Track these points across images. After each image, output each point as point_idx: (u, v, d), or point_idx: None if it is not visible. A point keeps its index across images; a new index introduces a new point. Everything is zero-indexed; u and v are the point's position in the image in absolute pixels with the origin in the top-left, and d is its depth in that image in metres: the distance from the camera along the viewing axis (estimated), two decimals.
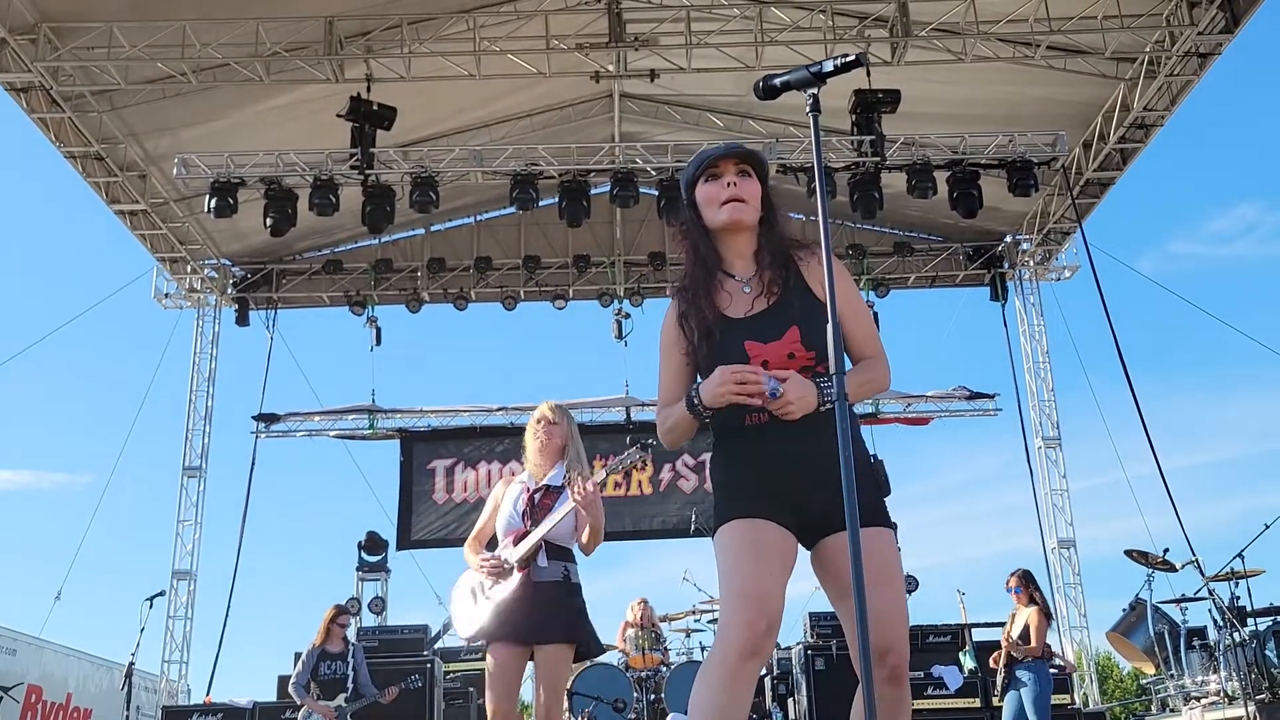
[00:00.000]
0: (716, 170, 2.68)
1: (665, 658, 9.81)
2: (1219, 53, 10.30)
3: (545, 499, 4.40)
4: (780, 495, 2.51)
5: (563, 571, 4.35)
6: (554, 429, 4.51)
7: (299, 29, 10.20)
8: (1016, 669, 7.22)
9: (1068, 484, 13.66)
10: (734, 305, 2.65)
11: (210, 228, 13.15)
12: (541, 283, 14.19)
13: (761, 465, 2.55)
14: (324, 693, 7.64)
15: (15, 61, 9.84)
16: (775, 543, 2.48)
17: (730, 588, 2.43)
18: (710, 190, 2.68)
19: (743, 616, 2.35)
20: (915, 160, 11.16)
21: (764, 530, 2.48)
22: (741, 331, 2.59)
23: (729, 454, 2.62)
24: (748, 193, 2.66)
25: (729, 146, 2.72)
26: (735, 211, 2.64)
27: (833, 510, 2.46)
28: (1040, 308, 14.34)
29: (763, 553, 2.45)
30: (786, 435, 2.51)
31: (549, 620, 4.26)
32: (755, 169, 2.70)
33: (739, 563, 2.45)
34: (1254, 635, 7.83)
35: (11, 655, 10.78)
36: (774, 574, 2.45)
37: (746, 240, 2.70)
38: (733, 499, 2.55)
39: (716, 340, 2.60)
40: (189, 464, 13.64)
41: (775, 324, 2.58)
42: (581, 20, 10.61)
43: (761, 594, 2.39)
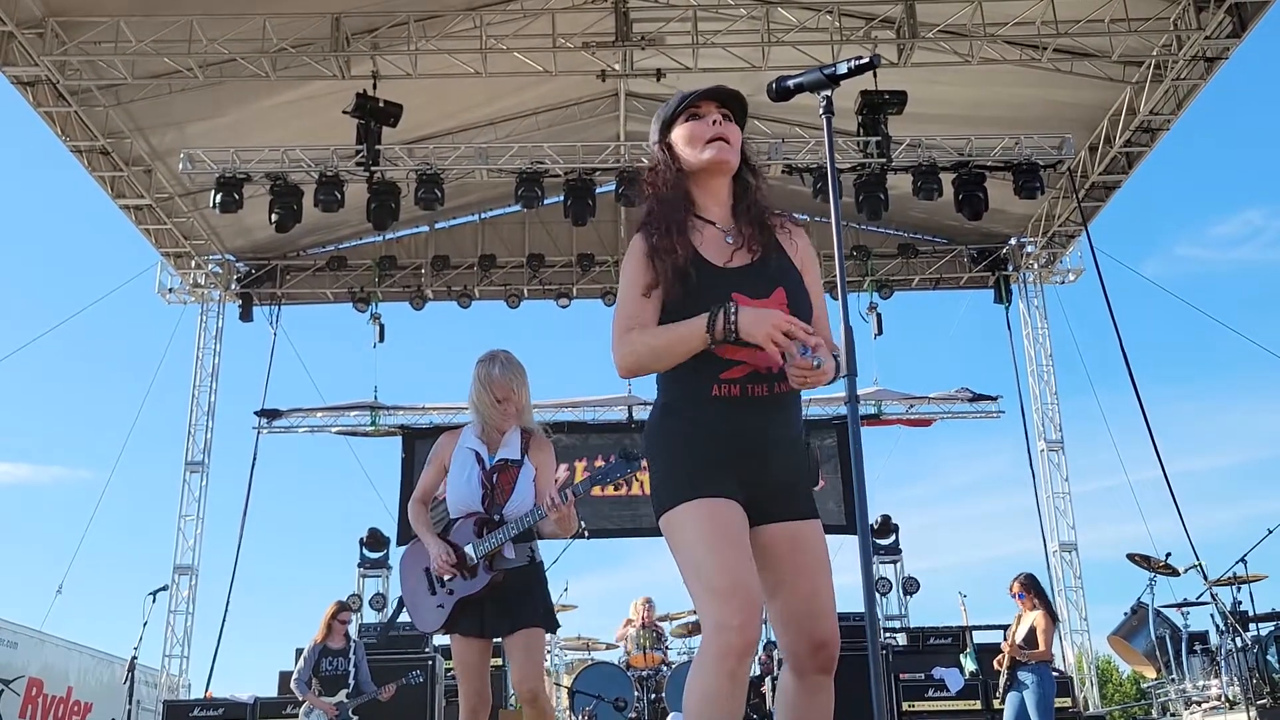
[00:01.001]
0: (698, 110, 2.55)
1: (666, 657, 9.82)
2: (1226, 57, 10.29)
3: (504, 478, 4.14)
4: (737, 473, 2.38)
5: (527, 554, 4.12)
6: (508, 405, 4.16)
7: (305, 25, 10.21)
8: (1019, 671, 7.21)
9: (1070, 487, 13.67)
10: (713, 251, 2.49)
11: (215, 223, 13.16)
12: (545, 281, 14.19)
13: (722, 440, 2.39)
14: (325, 689, 7.64)
15: (22, 55, 9.85)
16: (741, 524, 2.35)
17: (715, 583, 2.24)
18: (693, 128, 2.53)
19: (739, 617, 2.20)
20: (921, 162, 11.15)
21: (732, 514, 2.34)
22: (728, 280, 2.43)
23: (688, 423, 2.42)
24: (732, 134, 2.53)
25: (712, 86, 2.59)
26: (721, 150, 2.50)
27: (780, 496, 2.43)
28: (1044, 310, 14.33)
29: (737, 540, 2.31)
30: (754, 411, 2.41)
31: (519, 608, 4.07)
32: (737, 115, 2.58)
33: (717, 553, 2.27)
34: (1256, 640, 7.82)
35: (13, 648, 10.79)
36: (748, 560, 2.31)
37: (723, 186, 2.57)
38: (694, 476, 2.36)
39: (695, 283, 2.42)
40: (191, 459, 13.66)
41: (762, 281, 2.45)
42: (588, 19, 10.61)
43: (748, 588, 2.25)
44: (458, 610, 4.10)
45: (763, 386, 2.41)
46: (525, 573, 4.12)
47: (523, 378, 4.22)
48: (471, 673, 4.13)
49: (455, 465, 4.22)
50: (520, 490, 4.12)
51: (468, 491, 4.15)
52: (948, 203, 11.45)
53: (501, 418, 4.17)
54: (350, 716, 7.58)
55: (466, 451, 4.21)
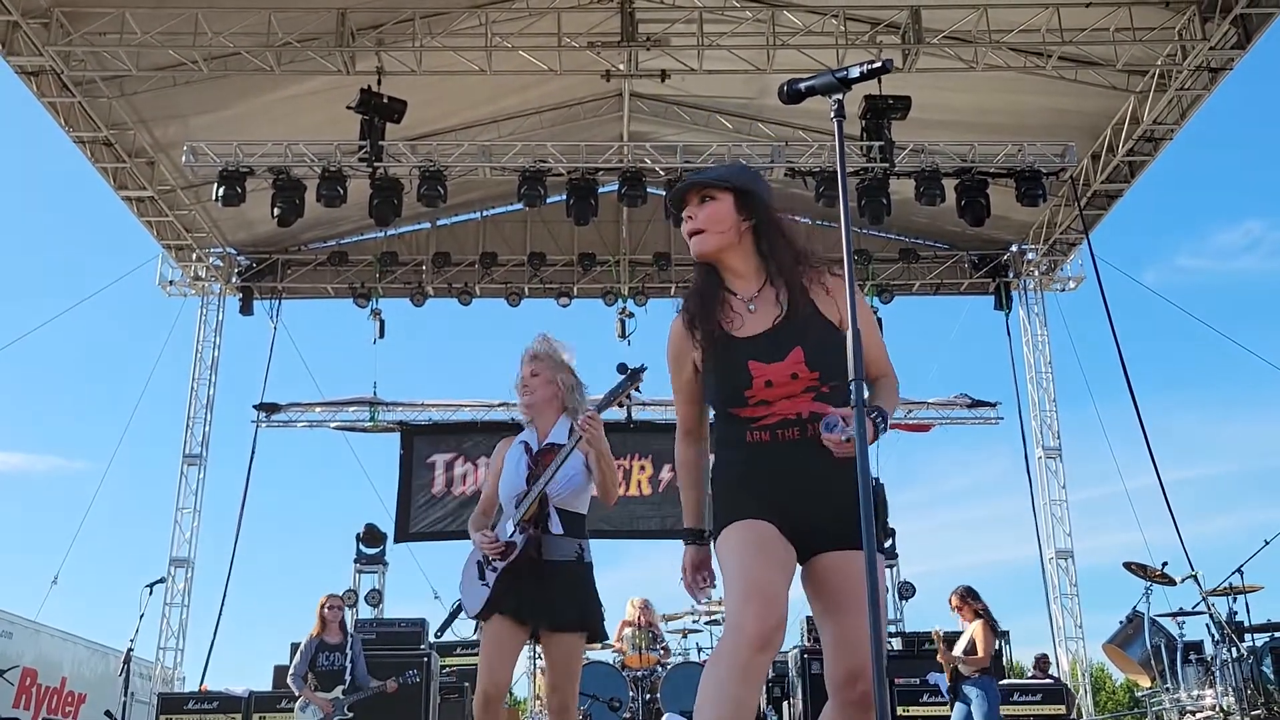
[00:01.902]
0: (682, 207, 2.74)
1: (662, 658, 9.82)
2: (1230, 68, 10.30)
3: (549, 457, 3.99)
4: (778, 506, 2.51)
5: (576, 550, 3.99)
6: (536, 380, 4.09)
7: (311, 20, 10.21)
8: (964, 684, 7.21)
9: (1067, 494, 13.69)
10: (737, 324, 2.65)
11: (217, 216, 13.15)
12: (546, 280, 14.20)
13: (762, 477, 2.55)
14: (321, 684, 7.63)
15: (27, 45, 9.84)
16: (779, 544, 2.48)
17: (739, 583, 2.41)
18: (685, 228, 2.74)
19: (754, 609, 2.33)
20: (924, 167, 11.16)
21: (767, 531, 2.48)
22: (745, 350, 2.59)
23: (730, 463, 2.63)
24: (704, 220, 2.66)
25: (686, 180, 2.74)
26: (695, 246, 2.68)
27: (828, 527, 2.50)
28: (1044, 318, 14.35)
29: (768, 551, 2.45)
30: (788, 452, 2.54)
31: (561, 603, 3.91)
32: (720, 189, 2.68)
33: (745, 559, 2.44)
34: (1251, 651, 7.81)
35: (8, 638, 10.77)
36: (780, 572, 2.44)
37: (734, 258, 2.69)
38: (735, 503, 2.55)
39: (715, 354, 2.63)
40: (189, 451, 13.65)
41: (779, 344, 2.58)
42: (594, 19, 10.61)
43: (771, 588, 2.38)
44: (500, 586, 3.95)
45: (793, 430, 2.55)
46: (573, 570, 3.99)
47: (550, 352, 4.14)
48: (495, 656, 3.93)
49: (509, 461, 4.13)
50: (566, 466, 3.96)
51: (515, 477, 4.05)
52: (950, 208, 11.46)
53: (522, 389, 4.12)
54: (346, 712, 7.57)
55: (518, 445, 4.14)
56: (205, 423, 13.81)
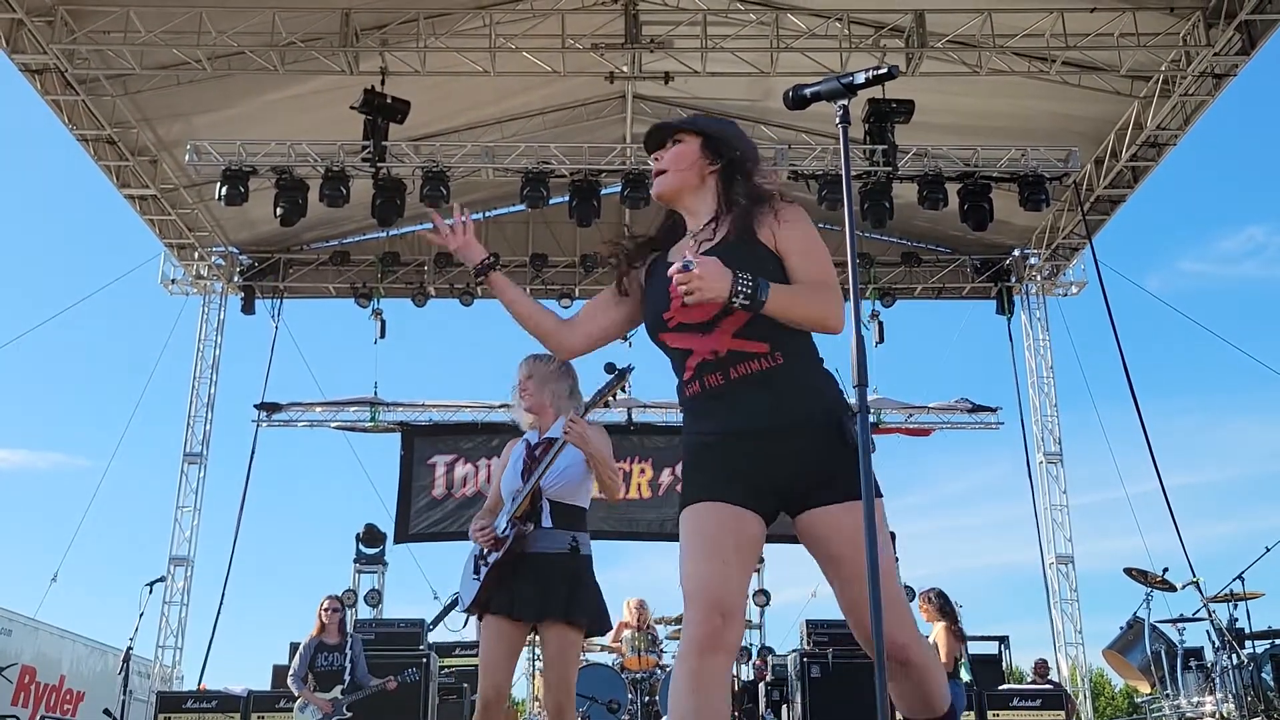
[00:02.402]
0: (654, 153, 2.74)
1: (660, 660, 9.80)
2: (1234, 74, 10.30)
3: (544, 451, 4.02)
4: (727, 470, 2.41)
5: (570, 542, 3.96)
6: (529, 384, 4.16)
7: (315, 20, 10.21)
8: None
9: (1068, 499, 13.67)
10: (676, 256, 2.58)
11: (219, 215, 13.16)
12: (548, 281, 14.20)
13: (705, 439, 2.46)
14: (321, 684, 7.63)
15: (31, 43, 9.85)
16: (728, 524, 2.37)
17: (684, 584, 2.36)
18: None
19: (693, 614, 2.29)
20: (927, 171, 11.15)
21: (714, 514, 2.39)
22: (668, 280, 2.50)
23: (684, 429, 2.56)
24: (669, 160, 2.66)
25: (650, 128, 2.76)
26: (656, 186, 2.69)
27: (802, 484, 2.39)
28: (1046, 322, 14.35)
29: (710, 541, 2.36)
30: (720, 406, 2.44)
31: (551, 597, 3.86)
32: (685, 132, 2.69)
33: (687, 557, 2.37)
34: (1251, 658, 7.80)
35: (6, 636, 10.78)
36: (724, 561, 2.34)
37: (692, 200, 2.66)
38: (688, 482, 2.48)
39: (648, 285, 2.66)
40: (190, 450, 13.65)
41: None
42: (598, 20, 10.62)
43: (711, 584, 2.30)
44: (491, 580, 3.93)
45: (716, 375, 2.44)
46: (566, 561, 3.95)
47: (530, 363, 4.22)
48: (493, 662, 3.90)
49: (510, 462, 4.18)
50: (561, 459, 3.97)
51: (512, 474, 4.09)
52: (952, 212, 11.45)
53: (521, 392, 4.18)
54: (345, 712, 7.57)
55: (521, 444, 4.20)
56: (206, 421, 13.82)
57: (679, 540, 2.42)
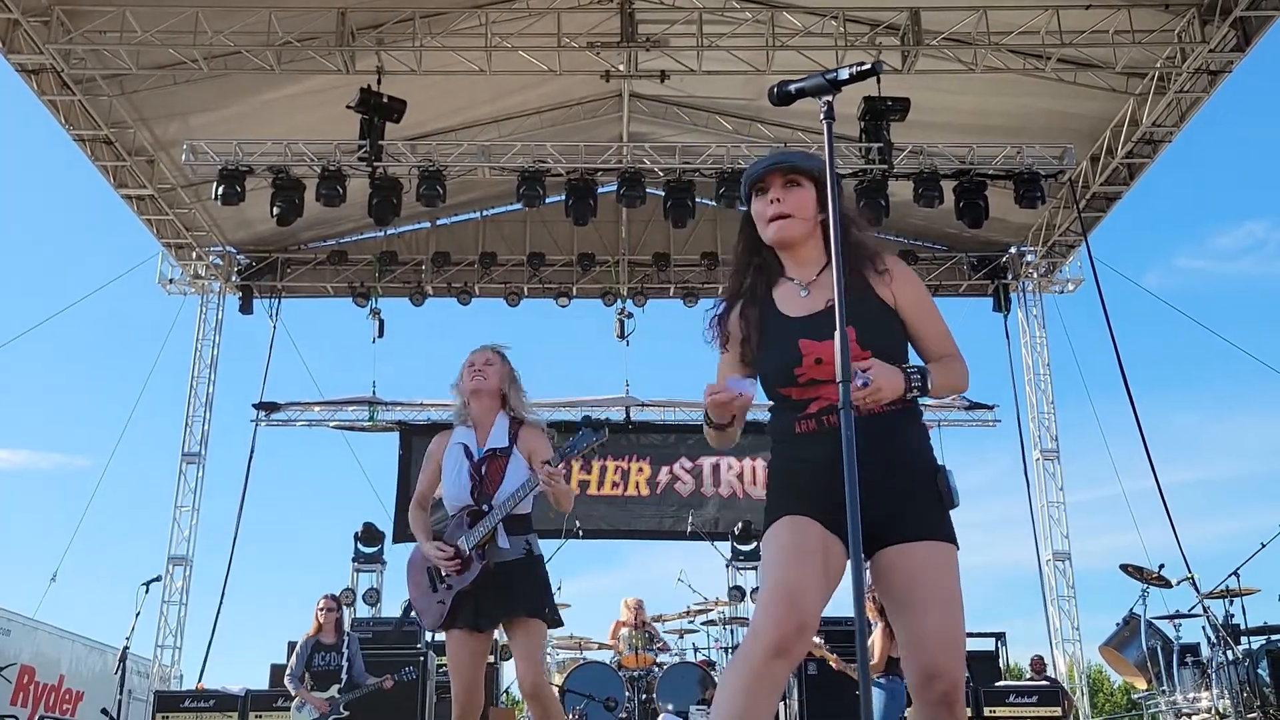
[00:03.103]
0: (764, 184, 2.68)
1: (657, 658, 9.82)
2: (1230, 70, 10.31)
3: (493, 467, 4.13)
4: (827, 501, 2.41)
5: (524, 547, 4.12)
6: (489, 369, 4.20)
7: (311, 19, 10.22)
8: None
9: (1064, 496, 13.69)
10: (788, 304, 2.65)
11: (216, 215, 13.17)
12: (545, 280, 14.21)
13: (811, 469, 2.51)
14: (318, 684, 7.64)
15: (27, 43, 9.85)
16: (818, 543, 2.43)
17: (766, 584, 2.40)
18: (758, 207, 2.69)
19: (773, 614, 2.30)
20: (922, 169, 11.16)
21: (807, 529, 2.44)
22: (797, 329, 2.58)
23: (780, 458, 2.61)
24: (793, 206, 2.65)
25: (774, 159, 2.70)
26: (779, 230, 2.65)
27: (887, 522, 2.44)
28: (1043, 320, 14.36)
29: (803, 552, 2.41)
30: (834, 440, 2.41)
31: (512, 597, 4.05)
32: (806, 175, 2.69)
33: (777, 560, 2.41)
34: (1247, 654, 7.82)
35: (5, 635, 10.78)
36: (813, 574, 2.38)
37: (804, 248, 2.69)
38: (780, 500, 2.53)
39: (766, 335, 2.63)
40: (188, 450, 13.66)
41: (831, 322, 2.48)
42: (593, 19, 10.62)
43: (795, 591, 2.33)
44: (456, 603, 4.09)
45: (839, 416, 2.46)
46: (523, 565, 4.11)
47: (501, 358, 4.27)
48: (463, 671, 4.11)
49: (447, 463, 4.23)
50: (510, 478, 4.10)
51: (458, 485, 4.16)
52: (948, 210, 11.46)
53: (469, 379, 4.19)
54: (342, 711, 7.58)
55: (456, 447, 4.22)
56: (204, 421, 13.83)
57: (767, 548, 2.48)
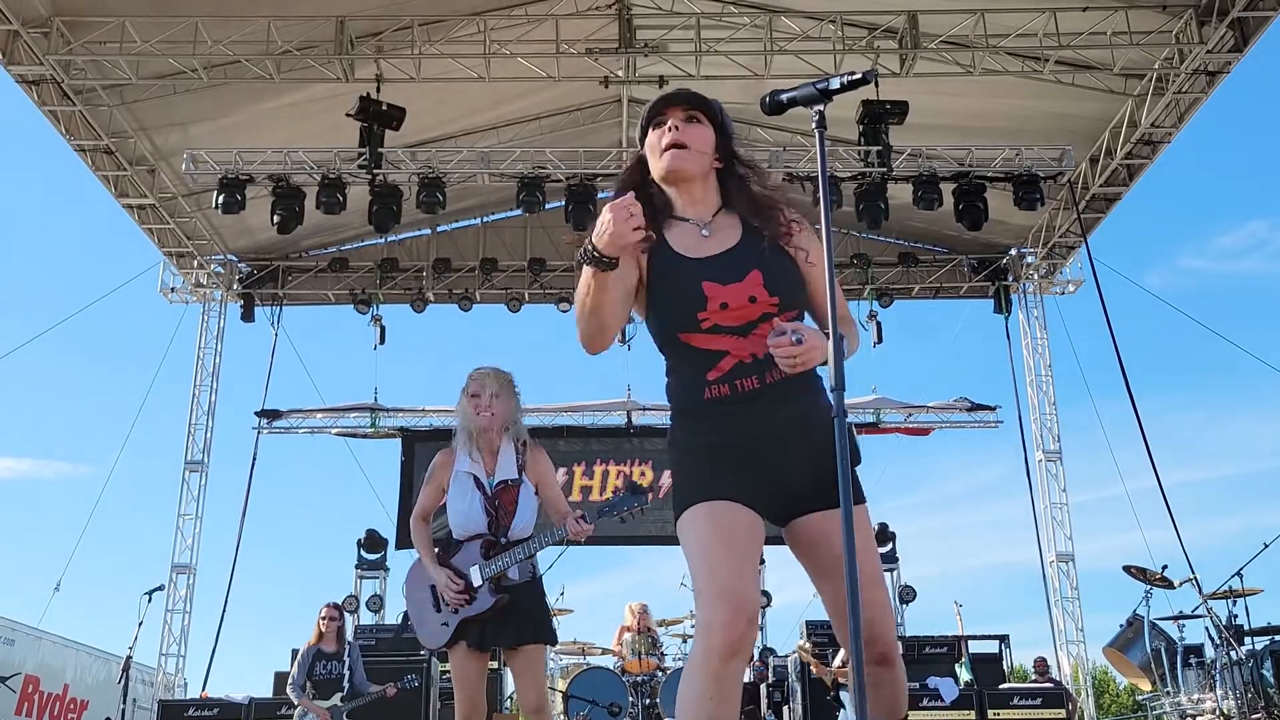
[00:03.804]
0: (662, 117, 2.52)
1: (661, 662, 9.82)
2: (1228, 71, 10.31)
3: (506, 499, 4.18)
4: (746, 473, 2.36)
5: (530, 570, 4.20)
6: (497, 404, 4.18)
7: (310, 28, 10.24)
8: (842, 691, 7.27)
9: (1067, 497, 13.67)
10: (684, 244, 2.48)
11: (217, 223, 13.20)
12: (546, 285, 14.22)
13: (724, 442, 2.38)
14: (320, 692, 7.64)
15: (27, 54, 9.89)
16: (744, 527, 2.34)
17: (705, 585, 2.27)
18: (653, 137, 2.52)
19: (721, 617, 2.21)
20: (922, 171, 11.18)
21: (732, 515, 2.33)
22: (699, 270, 2.41)
23: (689, 431, 2.44)
24: (691, 138, 2.49)
25: (676, 90, 2.56)
26: (673, 159, 2.47)
27: (805, 487, 2.37)
28: (1044, 321, 14.35)
29: (733, 541, 2.30)
30: (751, 408, 2.38)
31: (518, 623, 4.12)
32: (708, 115, 2.54)
33: (710, 556, 2.29)
34: (1251, 654, 7.81)
35: (10, 645, 10.81)
36: (747, 563, 2.31)
37: (700, 189, 2.54)
38: (695, 480, 2.38)
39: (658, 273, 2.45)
40: (191, 458, 13.68)
41: (736, 264, 2.42)
42: (592, 25, 10.64)
43: (738, 589, 2.25)
44: (461, 628, 4.17)
45: (752, 379, 2.38)
46: (526, 587, 4.19)
47: (503, 381, 4.26)
48: (468, 684, 4.20)
49: (454, 488, 4.22)
50: (523, 510, 4.20)
51: (471, 516, 4.18)
52: (948, 212, 11.47)
53: (475, 414, 4.18)
54: (344, 719, 7.58)
55: (464, 476, 4.20)
56: (207, 429, 13.84)
57: (688, 536, 2.34)
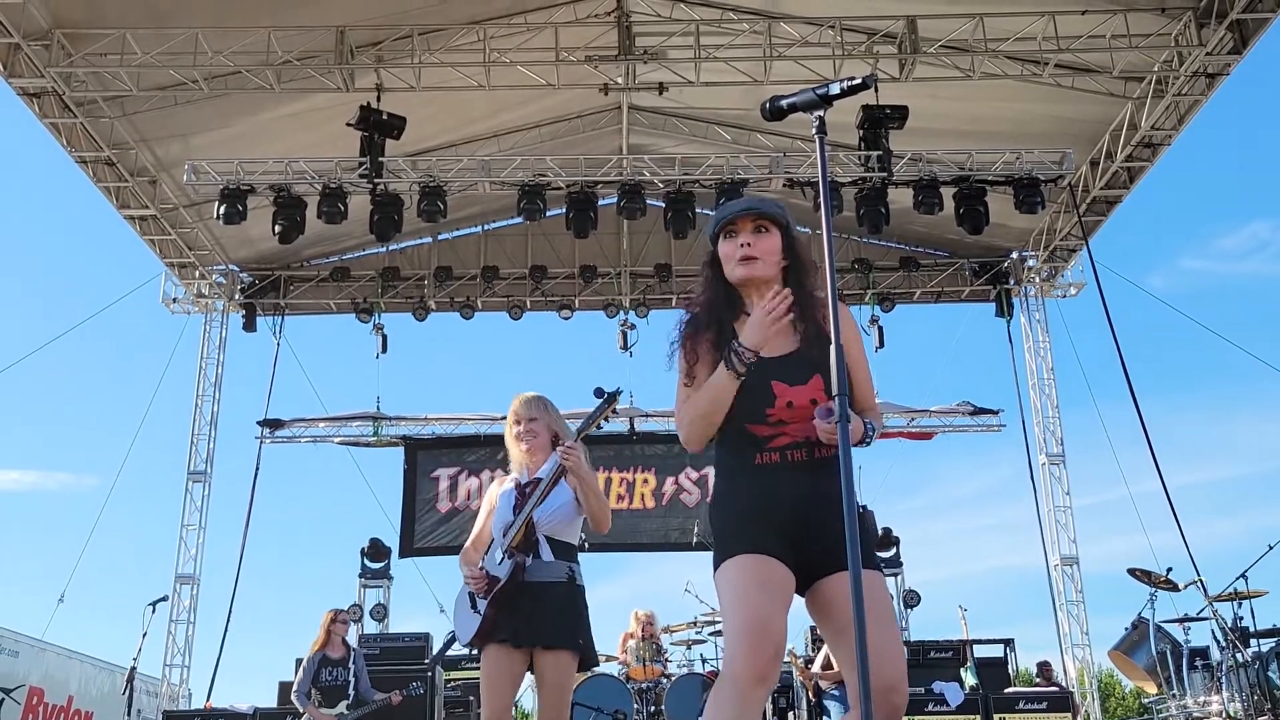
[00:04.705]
0: (734, 227, 2.77)
1: (665, 669, 9.80)
2: (1227, 73, 10.31)
3: (534, 488, 4.15)
4: (784, 534, 2.57)
5: (567, 572, 4.08)
6: (535, 425, 4.24)
7: (310, 38, 10.27)
8: (824, 698, 7.25)
9: (1071, 500, 13.65)
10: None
11: (219, 234, 13.22)
12: (548, 293, 14.24)
13: (769, 503, 2.60)
14: (325, 699, 7.64)
15: (29, 67, 9.91)
16: (779, 579, 2.55)
17: (738, 618, 2.49)
18: (727, 248, 2.77)
19: (750, 642, 2.43)
20: (922, 176, 11.18)
21: (770, 568, 2.55)
22: (769, 370, 2.64)
23: (737, 489, 2.67)
24: (761, 250, 2.73)
25: (746, 204, 2.80)
26: (748, 268, 2.73)
27: (831, 552, 2.54)
28: (1046, 324, 14.35)
29: (768, 588, 2.52)
30: (795, 476, 2.60)
31: (552, 623, 3.99)
32: (774, 223, 2.77)
33: (745, 595, 2.51)
34: (1257, 656, 7.79)
35: (14, 657, 10.80)
36: (779, 608, 2.52)
37: (767, 290, 2.74)
38: (739, 535, 2.60)
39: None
40: (194, 468, 13.68)
41: (802, 368, 2.65)
42: (591, 33, 10.66)
43: (768, 623, 2.46)
44: (491, 615, 4.04)
45: (801, 452, 2.62)
46: (564, 590, 4.07)
47: (543, 405, 4.31)
48: (497, 688, 4.02)
49: (500, 501, 4.25)
50: (552, 497, 4.10)
51: (504, 511, 4.18)
52: (949, 216, 11.47)
53: (517, 442, 4.25)
54: None
55: (510, 484, 4.28)
56: (209, 439, 13.86)
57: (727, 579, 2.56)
